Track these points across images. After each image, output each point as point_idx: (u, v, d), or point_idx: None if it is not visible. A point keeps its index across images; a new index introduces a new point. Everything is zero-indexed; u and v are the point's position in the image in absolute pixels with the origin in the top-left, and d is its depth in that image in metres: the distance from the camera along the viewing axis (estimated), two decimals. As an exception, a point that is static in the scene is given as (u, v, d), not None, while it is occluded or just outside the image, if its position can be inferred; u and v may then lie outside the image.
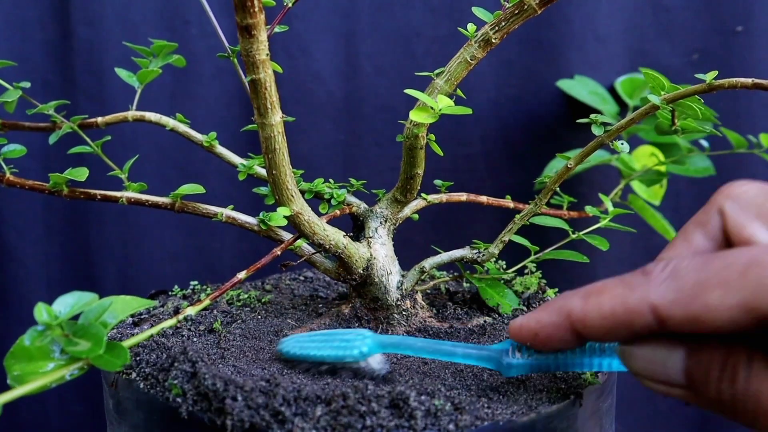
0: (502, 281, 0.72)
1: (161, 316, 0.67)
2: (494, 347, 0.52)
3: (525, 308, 0.71)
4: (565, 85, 0.98)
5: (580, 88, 0.97)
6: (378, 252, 0.66)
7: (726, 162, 0.98)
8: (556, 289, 0.74)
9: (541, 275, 0.75)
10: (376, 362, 0.55)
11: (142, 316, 0.67)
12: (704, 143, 0.91)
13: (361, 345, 0.54)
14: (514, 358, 0.51)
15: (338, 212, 0.67)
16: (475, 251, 0.69)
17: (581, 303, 0.43)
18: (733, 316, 0.37)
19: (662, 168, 0.90)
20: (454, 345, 0.53)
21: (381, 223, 0.68)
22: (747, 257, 0.37)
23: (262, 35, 0.50)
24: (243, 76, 0.66)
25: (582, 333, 0.43)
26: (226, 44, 0.66)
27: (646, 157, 0.92)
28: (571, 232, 0.69)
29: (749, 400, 0.38)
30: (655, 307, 0.39)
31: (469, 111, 0.56)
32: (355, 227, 0.69)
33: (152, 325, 0.64)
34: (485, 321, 0.68)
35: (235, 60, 0.66)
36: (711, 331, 0.38)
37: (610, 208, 0.71)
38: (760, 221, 0.42)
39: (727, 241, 0.44)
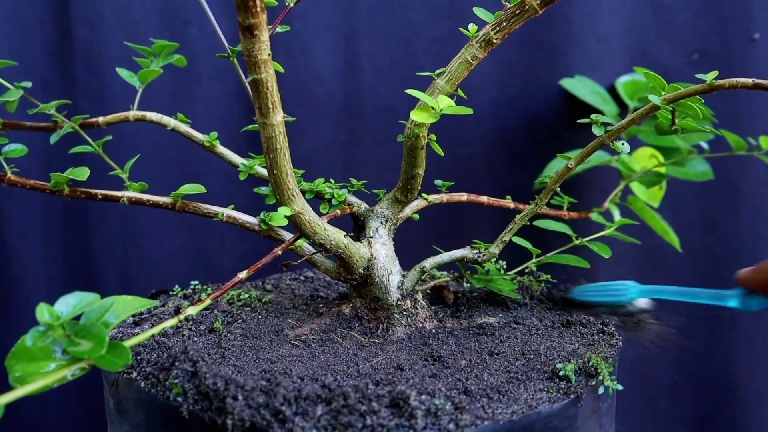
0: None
1: (162, 316, 0.67)
2: (727, 292, 0.63)
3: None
4: (567, 83, 0.98)
5: (582, 87, 0.97)
6: (379, 252, 0.66)
7: (726, 164, 0.98)
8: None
9: (548, 278, 0.76)
10: (643, 303, 0.70)
11: (143, 316, 0.67)
12: (704, 145, 0.91)
13: (629, 292, 0.69)
14: (749, 300, 0.61)
15: (339, 212, 0.68)
16: (475, 251, 0.69)
17: None
18: None
19: (662, 170, 0.90)
20: (699, 290, 0.65)
21: (382, 223, 0.68)
22: None
23: (264, 35, 0.50)
24: (243, 77, 0.66)
25: None
26: (226, 44, 0.66)
27: (646, 158, 0.92)
28: (574, 239, 0.70)
29: None
30: None
31: (469, 111, 0.56)
32: (356, 227, 0.69)
33: (153, 325, 0.64)
34: (485, 321, 0.68)
35: (235, 60, 0.67)
36: None
37: (617, 216, 0.72)
38: None
39: None
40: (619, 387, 0.58)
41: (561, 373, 0.56)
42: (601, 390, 0.57)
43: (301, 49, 0.98)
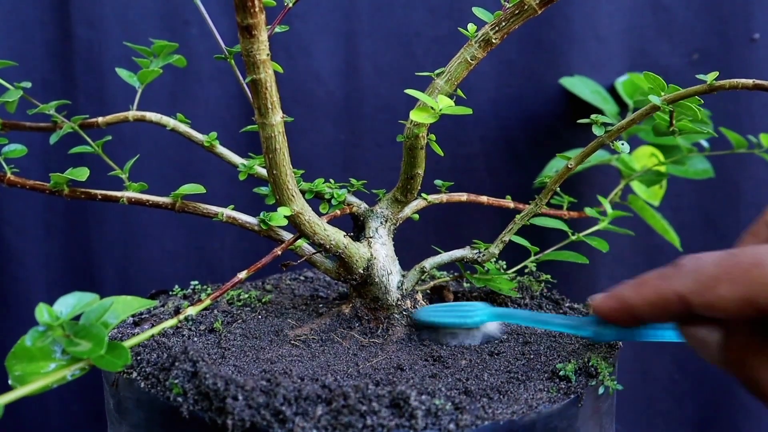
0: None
1: (162, 316, 0.67)
2: (583, 319, 0.59)
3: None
4: (567, 82, 0.98)
5: (582, 86, 0.97)
6: (378, 252, 0.66)
7: (726, 162, 0.98)
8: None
9: (548, 278, 0.76)
10: (492, 328, 0.65)
11: (143, 316, 0.67)
12: (704, 143, 0.91)
13: (479, 314, 0.63)
14: (601, 329, 0.57)
15: (339, 212, 0.68)
16: (475, 251, 0.69)
17: (631, 291, 0.49)
18: (738, 306, 0.43)
19: (662, 168, 0.90)
20: (554, 317, 0.61)
21: (381, 223, 0.68)
22: (752, 257, 0.43)
23: (263, 35, 0.50)
24: (241, 77, 0.66)
25: (636, 316, 0.49)
26: (223, 46, 0.66)
27: (646, 157, 0.92)
28: (570, 234, 0.69)
29: (754, 377, 0.44)
30: (680, 295, 0.45)
31: (469, 111, 0.56)
32: (356, 227, 0.69)
33: (153, 325, 0.64)
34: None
35: (233, 61, 0.66)
36: (725, 317, 0.44)
37: (609, 210, 0.71)
38: None
39: None
40: (619, 387, 0.58)
41: (561, 373, 0.56)
42: (601, 390, 0.57)
43: (301, 49, 0.98)
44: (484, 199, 0.74)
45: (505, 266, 0.74)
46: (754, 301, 0.42)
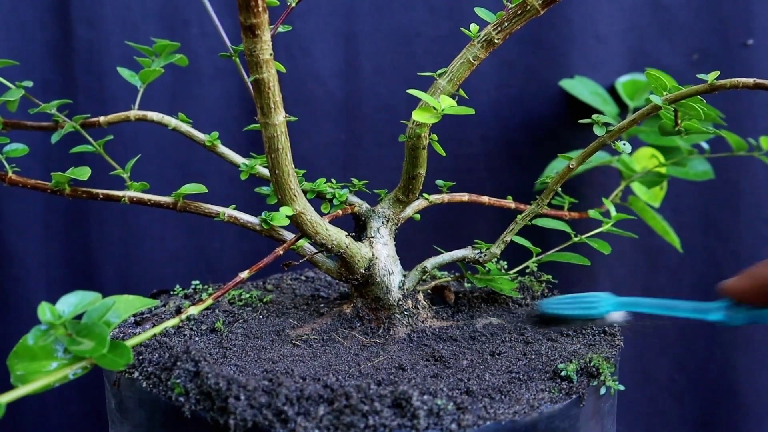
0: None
1: (163, 316, 0.67)
2: (709, 304, 0.59)
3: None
4: (567, 84, 0.98)
5: (582, 87, 0.97)
6: (380, 252, 0.66)
7: (726, 163, 0.98)
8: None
9: (549, 278, 0.76)
10: (618, 316, 0.64)
11: (144, 316, 0.67)
12: (705, 145, 0.91)
13: (603, 305, 0.63)
14: (732, 313, 0.57)
15: (340, 212, 0.68)
16: (476, 251, 0.69)
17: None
18: None
19: (663, 170, 0.90)
20: (679, 302, 0.61)
21: (383, 223, 0.68)
22: None
23: (266, 35, 0.50)
24: (245, 76, 0.66)
25: None
26: (228, 44, 0.66)
27: (646, 159, 0.92)
28: (573, 236, 0.70)
29: None
30: None
31: (471, 111, 0.56)
32: (357, 227, 0.69)
33: (154, 325, 0.64)
34: (490, 322, 0.68)
35: (237, 59, 0.66)
36: None
37: (614, 212, 0.71)
38: None
39: None
40: (621, 387, 0.58)
41: (563, 374, 0.56)
42: (602, 390, 0.57)
43: (301, 49, 0.98)
44: (485, 199, 0.74)
45: (506, 266, 0.74)
46: None
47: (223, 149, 0.68)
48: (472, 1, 0.63)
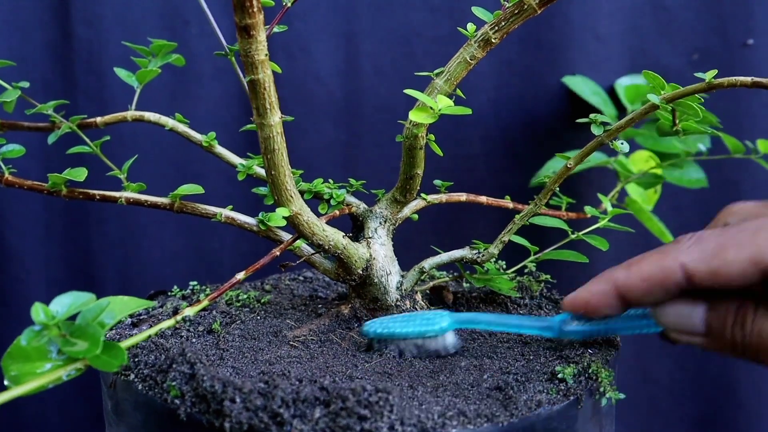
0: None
1: (160, 317, 0.66)
2: (553, 319, 0.59)
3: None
4: (570, 81, 0.98)
5: (584, 86, 0.97)
6: (377, 252, 0.66)
7: (724, 164, 0.98)
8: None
9: (548, 278, 0.76)
10: (451, 338, 0.62)
11: (141, 317, 0.67)
12: (702, 147, 0.91)
13: (441, 321, 0.61)
14: (571, 326, 0.58)
15: (337, 212, 0.67)
16: (474, 251, 0.69)
17: (625, 271, 0.52)
18: (744, 269, 0.46)
19: (659, 171, 0.90)
20: (519, 318, 0.62)
21: (380, 223, 0.68)
22: (756, 224, 0.48)
23: (261, 35, 0.50)
24: (242, 76, 0.65)
25: (626, 297, 0.52)
26: (224, 43, 0.66)
27: (643, 161, 0.92)
28: (570, 233, 0.69)
29: (754, 339, 0.48)
30: (683, 265, 0.48)
31: (468, 111, 0.56)
32: (355, 227, 0.69)
33: (151, 326, 0.63)
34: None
35: (233, 59, 0.66)
36: (727, 283, 0.47)
37: (609, 208, 0.71)
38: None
39: None
40: (621, 396, 0.58)
41: (560, 375, 0.56)
42: (604, 402, 0.57)
43: (301, 49, 0.98)
44: (483, 199, 0.73)
45: (504, 266, 0.74)
46: (761, 261, 0.46)
47: (220, 149, 0.68)
48: (472, 0, 0.63)
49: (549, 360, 0.60)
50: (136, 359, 0.57)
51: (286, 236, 0.66)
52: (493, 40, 0.60)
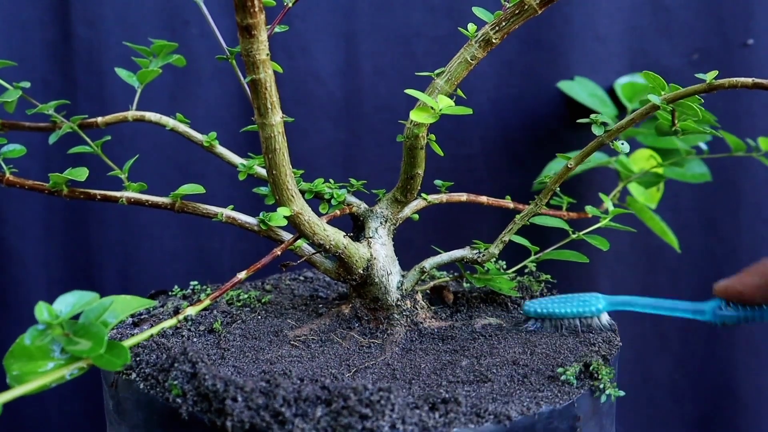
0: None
1: (161, 317, 0.67)
2: (706, 303, 0.62)
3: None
4: (565, 86, 0.98)
5: (580, 89, 0.97)
6: (378, 252, 0.66)
7: (725, 164, 0.98)
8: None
9: (548, 278, 0.76)
10: (605, 318, 0.66)
11: (142, 316, 0.67)
12: (703, 146, 0.91)
13: (597, 303, 0.65)
14: (725, 311, 0.61)
15: (338, 212, 0.67)
16: (475, 251, 0.69)
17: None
18: None
19: (660, 170, 0.90)
20: (674, 302, 0.64)
21: (381, 223, 0.68)
22: None
23: (263, 35, 0.50)
24: (242, 77, 0.66)
25: None
26: (224, 45, 0.66)
27: (644, 160, 0.92)
28: (571, 233, 0.69)
29: None
30: None
31: (469, 111, 0.56)
32: (355, 227, 0.69)
33: (152, 325, 0.64)
34: (489, 322, 0.68)
35: (234, 61, 0.66)
36: None
37: (611, 208, 0.71)
38: None
39: None
40: (621, 393, 0.58)
41: (562, 378, 0.56)
42: (603, 399, 0.57)
43: (301, 49, 0.98)
44: (483, 199, 0.74)
45: (504, 266, 0.74)
46: None
47: (221, 149, 0.68)
48: (472, 1, 0.63)
49: (550, 359, 0.60)
50: (138, 358, 0.57)
51: (287, 236, 0.66)
52: (493, 41, 0.60)
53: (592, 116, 0.62)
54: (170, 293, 0.74)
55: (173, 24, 0.97)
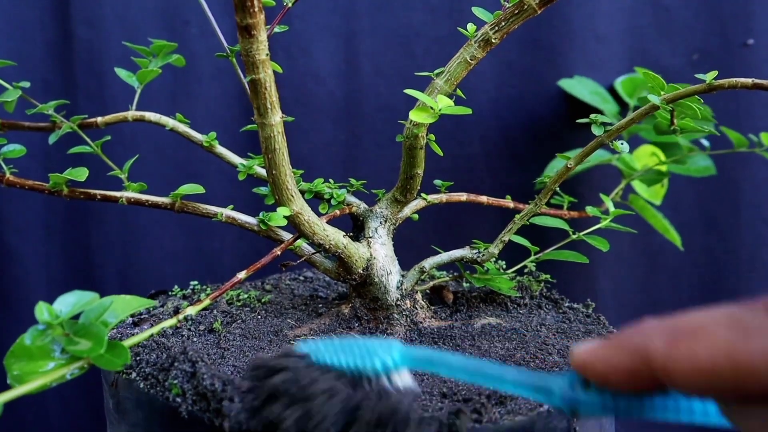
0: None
1: (161, 316, 0.67)
2: (555, 378, 0.39)
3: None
4: (566, 84, 0.98)
5: (581, 87, 0.97)
6: (378, 252, 0.66)
7: (727, 161, 0.98)
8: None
9: (548, 278, 0.76)
10: (403, 381, 0.44)
11: (142, 316, 0.67)
12: (705, 142, 0.91)
13: (385, 355, 0.43)
14: (582, 395, 0.37)
15: (338, 212, 0.67)
16: (475, 251, 0.69)
17: (666, 347, 0.32)
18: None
19: (663, 168, 0.90)
20: (503, 369, 0.41)
21: (381, 223, 0.68)
22: None
23: (262, 35, 0.50)
24: (242, 77, 0.66)
25: (667, 383, 0.32)
26: (225, 44, 0.66)
27: (646, 156, 0.92)
28: (571, 233, 0.69)
29: None
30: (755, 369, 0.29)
31: (468, 111, 0.56)
32: (355, 227, 0.69)
33: (152, 325, 0.64)
34: (489, 323, 0.68)
35: (234, 60, 0.66)
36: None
37: (611, 208, 0.71)
38: None
39: None
40: None
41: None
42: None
43: (301, 49, 0.98)
44: (483, 199, 0.74)
45: (504, 266, 0.74)
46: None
47: (220, 149, 0.68)
48: (472, 1, 0.63)
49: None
50: (138, 358, 0.57)
51: (287, 236, 0.66)
52: (493, 41, 0.60)
53: (592, 116, 0.62)
54: (170, 293, 0.74)
55: (173, 24, 0.97)
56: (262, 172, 0.68)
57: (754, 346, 0.29)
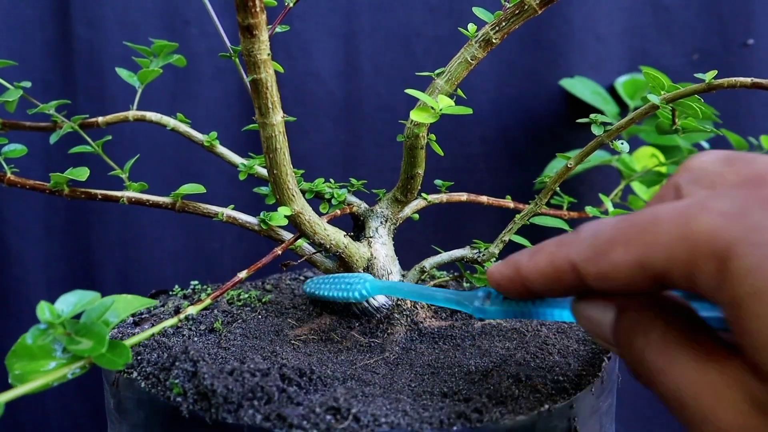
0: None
1: (162, 316, 0.67)
2: (470, 293, 0.52)
3: None
4: (567, 84, 0.98)
5: (583, 87, 0.97)
6: (378, 252, 0.66)
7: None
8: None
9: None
10: (382, 300, 0.64)
11: (143, 316, 0.67)
12: (705, 145, 0.91)
13: (362, 288, 0.61)
14: (486, 305, 0.50)
15: (339, 212, 0.68)
16: (475, 251, 0.69)
17: (526, 259, 0.43)
18: (631, 273, 0.36)
19: (663, 169, 0.90)
20: (436, 290, 0.56)
21: (381, 222, 0.68)
22: (650, 216, 0.36)
23: (264, 35, 0.50)
24: (244, 76, 0.66)
25: (530, 289, 0.43)
26: (228, 44, 0.66)
27: (646, 158, 0.92)
28: (570, 232, 0.69)
29: (656, 368, 0.37)
30: (574, 265, 0.39)
31: (469, 111, 0.56)
32: (356, 227, 0.69)
33: (153, 325, 0.64)
34: (489, 322, 0.68)
35: (237, 60, 0.67)
36: (619, 289, 0.37)
37: (611, 209, 0.71)
38: (705, 189, 0.40)
39: None
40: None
41: (561, 373, 0.56)
42: (600, 390, 0.57)
43: (301, 49, 0.98)
44: (484, 198, 0.74)
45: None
46: (646, 265, 0.35)
47: (221, 149, 0.68)
48: (472, 1, 0.63)
49: (548, 357, 0.60)
50: (139, 357, 0.57)
51: (288, 236, 0.66)
52: (494, 40, 0.60)
53: (592, 116, 0.62)
54: (171, 293, 0.74)
55: (173, 24, 0.97)
56: (263, 171, 0.68)
57: (561, 252, 0.41)
